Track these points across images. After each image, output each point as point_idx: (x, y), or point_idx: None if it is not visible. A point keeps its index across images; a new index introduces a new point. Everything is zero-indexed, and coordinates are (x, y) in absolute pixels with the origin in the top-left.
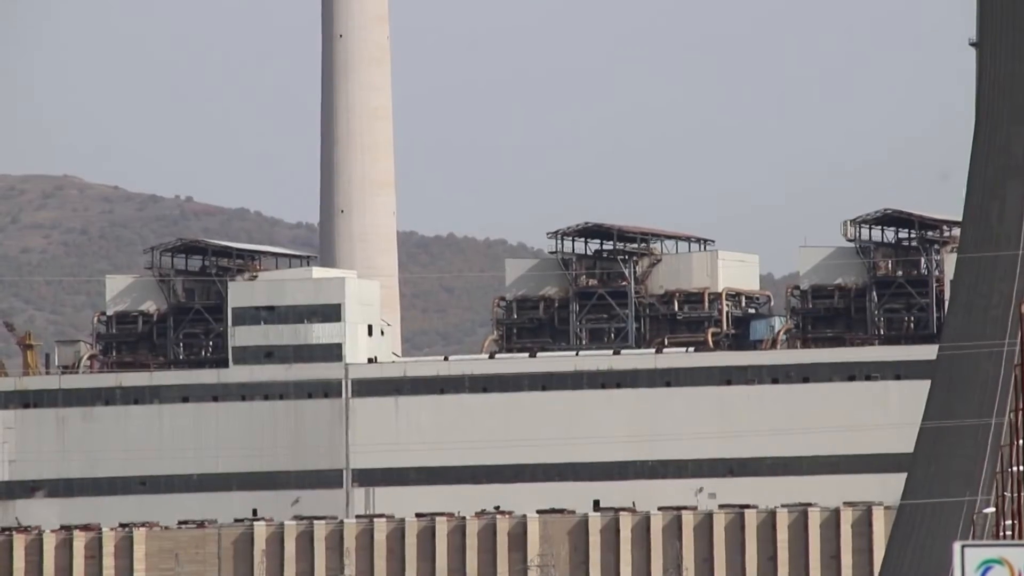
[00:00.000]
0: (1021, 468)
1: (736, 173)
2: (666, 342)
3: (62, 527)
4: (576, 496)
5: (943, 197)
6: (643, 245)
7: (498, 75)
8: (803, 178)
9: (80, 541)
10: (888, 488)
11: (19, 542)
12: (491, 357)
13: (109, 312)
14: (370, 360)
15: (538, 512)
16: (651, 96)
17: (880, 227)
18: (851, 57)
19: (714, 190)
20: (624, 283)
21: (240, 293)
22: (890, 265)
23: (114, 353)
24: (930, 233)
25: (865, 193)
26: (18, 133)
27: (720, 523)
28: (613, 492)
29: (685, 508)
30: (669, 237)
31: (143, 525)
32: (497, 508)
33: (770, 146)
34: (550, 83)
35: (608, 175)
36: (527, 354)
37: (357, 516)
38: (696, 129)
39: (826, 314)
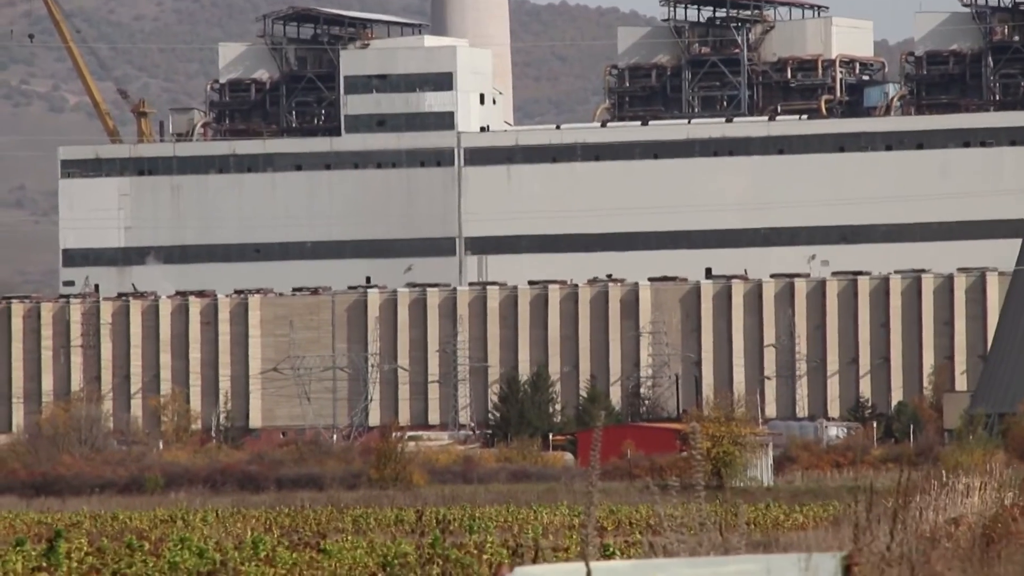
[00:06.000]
0: None
1: None
2: (779, 109)
3: (177, 293)
4: (688, 263)
5: None
6: (756, 12)
7: None
8: None
9: (196, 307)
10: (1002, 254)
11: (135, 308)
12: (603, 125)
13: (222, 80)
14: (482, 129)
15: (650, 280)
16: None
17: None
18: None
19: None
20: (737, 50)
21: (352, 61)
22: (1007, 30)
23: (227, 121)
24: None
25: None
26: None
27: (833, 290)
28: (725, 259)
29: (797, 275)
30: (782, 3)
31: (257, 292)
32: (609, 276)
33: None
34: None
35: None
36: (639, 122)
37: (470, 284)
38: None
39: (941, 80)
